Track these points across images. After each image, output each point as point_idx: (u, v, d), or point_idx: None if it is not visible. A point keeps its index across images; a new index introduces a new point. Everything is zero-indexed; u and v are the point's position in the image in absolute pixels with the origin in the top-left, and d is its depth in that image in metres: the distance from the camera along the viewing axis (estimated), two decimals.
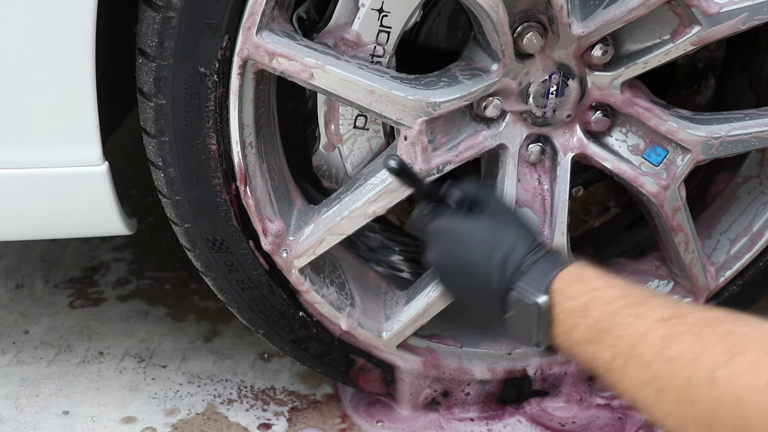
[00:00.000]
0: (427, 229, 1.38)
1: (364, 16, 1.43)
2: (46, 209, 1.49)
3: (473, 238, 1.32)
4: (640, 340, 1.08)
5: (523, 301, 1.23)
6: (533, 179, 1.56)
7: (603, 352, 1.12)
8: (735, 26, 1.46)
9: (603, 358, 1.13)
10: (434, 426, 1.69)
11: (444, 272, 1.38)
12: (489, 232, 1.31)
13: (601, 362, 1.13)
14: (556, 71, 1.48)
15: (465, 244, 1.32)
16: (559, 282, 1.21)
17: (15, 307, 1.98)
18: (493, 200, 1.40)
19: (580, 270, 1.22)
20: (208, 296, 1.95)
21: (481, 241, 1.31)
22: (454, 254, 1.34)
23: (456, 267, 1.33)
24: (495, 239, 1.30)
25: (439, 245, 1.37)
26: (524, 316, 1.23)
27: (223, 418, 1.71)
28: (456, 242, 1.33)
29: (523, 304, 1.23)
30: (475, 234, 1.32)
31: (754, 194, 1.72)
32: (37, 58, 1.35)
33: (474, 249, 1.31)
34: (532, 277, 1.24)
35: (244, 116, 1.43)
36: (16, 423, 1.68)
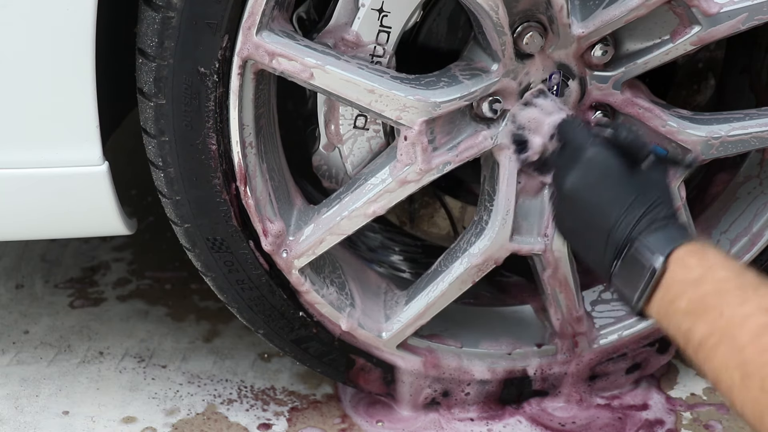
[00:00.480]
0: (584, 149, 1.34)
1: (364, 16, 1.43)
2: (46, 209, 1.49)
3: (624, 183, 1.30)
4: (739, 322, 1.08)
5: (640, 257, 1.22)
6: (533, 179, 1.56)
7: (700, 327, 1.12)
8: (735, 26, 1.46)
9: (698, 333, 1.12)
10: (434, 426, 1.69)
11: (576, 199, 1.34)
12: (641, 185, 1.30)
13: (695, 337, 1.13)
14: (556, 71, 1.48)
15: (615, 183, 1.30)
16: (680, 251, 1.20)
17: (15, 307, 1.98)
18: (655, 165, 1.36)
19: (703, 246, 1.21)
20: (208, 296, 1.95)
21: (629, 189, 1.29)
22: (598, 188, 1.32)
23: (592, 201, 1.31)
24: (642, 193, 1.28)
25: (586, 171, 1.33)
26: (633, 273, 1.23)
27: (223, 418, 1.71)
28: (606, 178, 1.31)
29: (639, 260, 1.23)
30: (628, 181, 1.30)
31: (754, 194, 1.72)
32: (37, 58, 1.35)
33: (619, 193, 1.29)
34: (658, 238, 1.23)
35: (244, 116, 1.43)
36: (16, 423, 1.68)
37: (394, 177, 1.48)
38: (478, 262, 1.56)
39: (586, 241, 1.33)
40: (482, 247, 1.56)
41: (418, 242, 1.88)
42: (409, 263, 1.86)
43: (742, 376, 1.05)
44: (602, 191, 1.31)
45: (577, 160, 1.34)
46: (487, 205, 1.56)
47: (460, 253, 1.58)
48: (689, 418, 1.72)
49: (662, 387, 1.79)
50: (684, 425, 1.71)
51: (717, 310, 1.11)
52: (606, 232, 1.28)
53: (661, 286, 1.20)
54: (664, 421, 1.71)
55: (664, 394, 1.77)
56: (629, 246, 1.25)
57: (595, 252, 1.31)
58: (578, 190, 1.33)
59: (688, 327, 1.14)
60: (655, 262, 1.21)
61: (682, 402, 1.76)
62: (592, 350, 1.70)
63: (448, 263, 1.59)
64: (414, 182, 1.49)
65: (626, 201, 1.28)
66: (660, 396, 1.77)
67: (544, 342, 1.70)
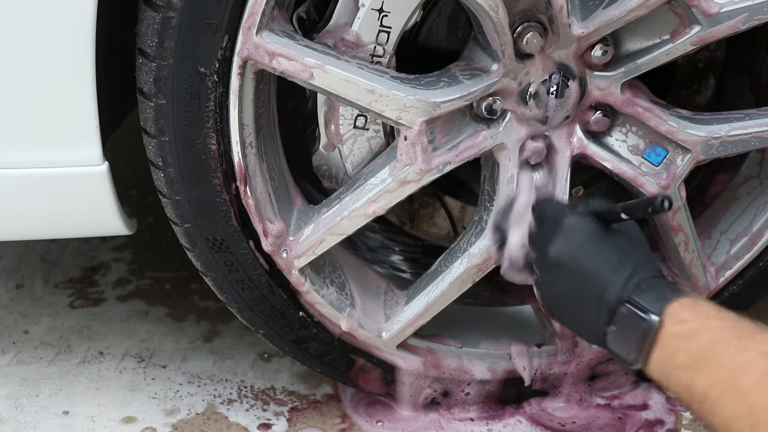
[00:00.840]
0: (561, 219, 1.36)
1: (364, 16, 1.43)
2: (46, 209, 1.49)
3: (605, 246, 1.32)
4: (741, 370, 1.08)
5: (634, 317, 1.23)
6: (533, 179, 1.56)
7: (701, 380, 1.13)
8: (735, 26, 1.46)
9: (700, 386, 1.13)
10: (434, 426, 1.69)
11: (561, 269, 1.35)
12: (622, 247, 1.31)
13: (698, 390, 1.13)
14: (556, 71, 1.48)
15: (596, 248, 1.32)
16: (673, 306, 1.21)
17: (15, 307, 1.98)
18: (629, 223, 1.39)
19: (696, 300, 1.22)
20: (208, 296, 1.95)
21: (612, 252, 1.31)
22: (581, 254, 1.33)
23: (578, 268, 1.32)
24: (625, 255, 1.30)
25: (567, 238, 1.34)
26: (629, 333, 1.24)
27: (223, 418, 1.71)
28: (587, 244, 1.33)
29: (633, 320, 1.23)
30: (608, 244, 1.32)
31: (754, 194, 1.72)
32: (37, 58, 1.35)
33: (603, 257, 1.31)
34: (649, 297, 1.24)
35: (244, 116, 1.43)
36: (16, 423, 1.68)
37: (394, 177, 1.48)
38: (478, 262, 1.56)
39: (576, 311, 1.34)
40: (482, 247, 1.56)
41: (418, 242, 1.88)
42: (409, 263, 1.86)
43: (751, 425, 1.05)
44: (586, 256, 1.32)
45: (556, 231, 1.35)
46: (487, 205, 1.56)
47: (460, 253, 1.58)
48: (689, 418, 1.72)
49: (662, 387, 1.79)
50: (684, 425, 1.71)
51: (716, 361, 1.11)
52: (596, 297, 1.29)
53: (657, 344, 1.21)
54: (664, 421, 1.71)
55: (664, 394, 1.77)
56: (621, 308, 1.25)
57: (587, 320, 1.31)
58: (562, 259, 1.34)
59: (689, 381, 1.14)
60: (650, 320, 1.21)
61: None
62: (592, 350, 1.70)
63: (448, 263, 1.59)
64: (414, 182, 1.49)
65: (611, 263, 1.29)
66: (660, 396, 1.77)
67: (544, 342, 1.70)
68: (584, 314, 1.32)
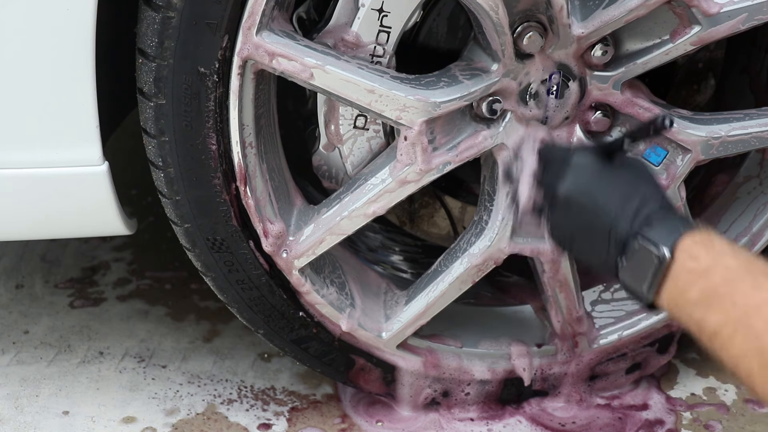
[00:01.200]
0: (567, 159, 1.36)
1: (364, 16, 1.43)
2: (46, 209, 1.49)
3: (613, 181, 1.31)
4: (754, 311, 1.07)
5: (646, 250, 1.22)
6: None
7: (713, 317, 1.12)
8: (735, 26, 1.46)
9: (712, 323, 1.12)
10: (434, 426, 1.69)
11: (570, 205, 1.34)
12: (629, 180, 1.31)
13: (709, 326, 1.12)
14: (556, 71, 1.48)
15: (604, 183, 1.32)
16: (686, 241, 1.19)
17: (15, 307, 1.98)
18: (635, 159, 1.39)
19: (708, 235, 1.20)
20: (208, 296, 1.95)
21: (619, 186, 1.30)
22: (590, 189, 1.32)
23: (587, 203, 1.32)
24: (633, 188, 1.29)
25: (575, 176, 1.34)
26: (640, 266, 1.23)
27: (223, 418, 1.71)
28: (595, 179, 1.33)
29: (645, 253, 1.22)
30: (616, 178, 1.32)
31: (754, 194, 1.72)
32: (37, 58, 1.35)
33: (611, 191, 1.30)
34: (660, 230, 1.23)
35: (244, 116, 1.43)
36: (16, 423, 1.68)
37: (394, 177, 1.48)
38: (478, 262, 1.56)
39: (588, 245, 1.34)
40: (482, 247, 1.56)
41: (418, 242, 1.89)
42: (409, 263, 1.86)
43: (761, 365, 1.05)
44: (594, 191, 1.32)
45: (563, 170, 1.35)
46: (487, 205, 1.56)
47: (460, 253, 1.58)
48: (689, 418, 1.72)
49: (662, 387, 1.79)
50: (684, 425, 1.71)
51: (729, 299, 1.11)
52: (606, 230, 1.28)
53: (669, 277, 1.20)
54: (664, 421, 1.71)
55: (664, 394, 1.77)
56: (633, 240, 1.24)
57: (599, 253, 1.31)
58: (571, 195, 1.34)
59: (701, 317, 1.14)
60: (662, 254, 1.20)
61: (682, 402, 1.76)
62: (592, 350, 1.70)
63: (448, 263, 1.59)
64: (414, 182, 1.49)
65: (620, 196, 1.29)
66: (660, 396, 1.77)
67: (544, 342, 1.70)
68: (595, 247, 1.31)
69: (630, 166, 1.35)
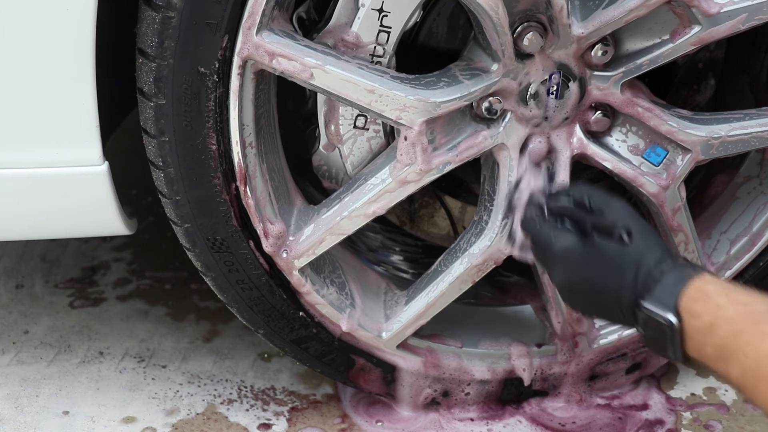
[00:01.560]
0: (551, 252, 1.38)
1: (364, 16, 1.43)
2: (46, 209, 1.49)
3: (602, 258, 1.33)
4: (764, 360, 1.10)
5: (654, 320, 1.24)
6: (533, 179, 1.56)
7: (733, 371, 1.14)
8: (735, 26, 1.46)
9: (734, 375, 1.14)
10: (434, 426, 1.69)
11: (573, 293, 1.38)
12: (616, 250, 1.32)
13: (733, 378, 1.15)
14: (556, 71, 1.48)
15: (594, 265, 1.33)
16: (684, 300, 1.21)
17: (15, 307, 1.98)
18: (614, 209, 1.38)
19: (703, 286, 1.22)
20: (208, 296, 1.95)
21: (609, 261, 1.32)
22: (582, 276, 1.34)
23: (586, 288, 1.34)
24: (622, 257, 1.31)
25: (568, 268, 1.36)
26: (657, 334, 1.24)
27: (223, 418, 1.71)
28: (585, 264, 1.34)
29: (655, 322, 1.24)
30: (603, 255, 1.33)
31: (754, 194, 1.72)
32: (37, 58, 1.35)
33: (604, 269, 1.32)
34: (661, 293, 1.24)
35: (244, 116, 1.43)
36: (16, 423, 1.68)
37: (394, 177, 1.48)
38: (478, 262, 1.56)
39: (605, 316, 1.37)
40: (482, 247, 1.56)
41: (419, 242, 1.88)
42: (410, 263, 1.86)
43: None
44: (590, 277, 1.33)
45: (550, 259, 1.38)
46: (487, 205, 1.56)
47: (460, 253, 1.58)
48: (689, 418, 1.72)
49: (662, 387, 1.79)
50: (684, 425, 1.71)
51: (740, 352, 1.12)
52: (614, 307, 1.30)
53: (686, 338, 1.22)
54: (664, 421, 1.71)
55: (664, 394, 1.77)
56: (639, 312, 1.26)
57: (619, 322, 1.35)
58: (571, 285, 1.37)
59: (724, 370, 1.16)
60: (668, 321, 1.22)
61: (682, 402, 1.76)
62: (592, 350, 1.70)
63: (448, 263, 1.59)
64: (414, 182, 1.49)
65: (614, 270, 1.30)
66: (660, 396, 1.77)
67: (544, 342, 1.70)
68: (613, 318, 1.35)
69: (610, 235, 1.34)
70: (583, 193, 1.40)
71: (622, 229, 1.32)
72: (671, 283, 1.24)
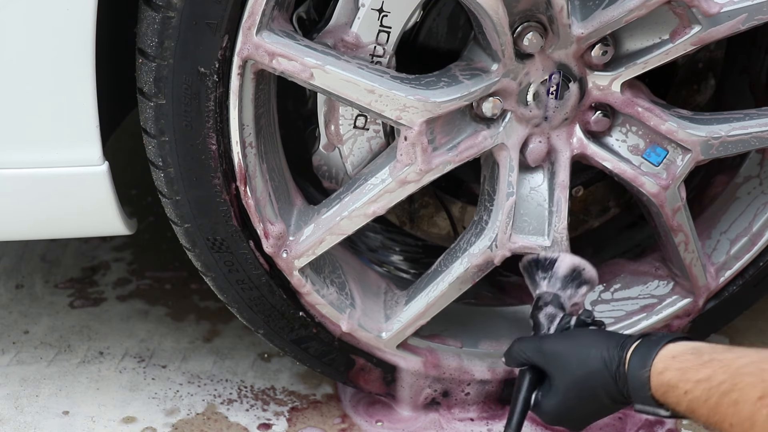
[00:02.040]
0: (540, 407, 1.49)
1: (364, 16, 1.43)
2: (46, 209, 1.49)
3: (573, 392, 1.43)
4: (750, 425, 1.14)
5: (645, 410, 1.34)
6: (533, 179, 1.56)
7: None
8: (735, 26, 1.46)
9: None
10: (434, 426, 1.69)
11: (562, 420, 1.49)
12: (583, 376, 1.41)
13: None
14: (556, 71, 1.48)
15: (574, 401, 1.43)
16: (657, 395, 1.30)
17: (15, 307, 1.98)
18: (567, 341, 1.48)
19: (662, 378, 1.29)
20: (208, 296, 1.95)
21: (583, 386, 1.41)
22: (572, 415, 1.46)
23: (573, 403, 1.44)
24: (588, 378, 1.40)
25: (554, 414, 1.48)
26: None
27: (223, 418, 1.71)
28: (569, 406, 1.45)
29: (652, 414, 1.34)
30: (573, 389, 1.42)
31: (754, 194, 1.72)
32: (38, 58, 1.35)
33: (582, 401, 1.43)
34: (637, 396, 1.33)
35: (244, 116, 1.43)
36: (16, 423, 1.68)
37: (394, 177, 1.48)
38: (479, 262, 1.56)
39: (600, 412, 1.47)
40: (482, 247, 1.56)
41: (419, 242, 1.88)
42: (410, 263, 1.86)
43: None
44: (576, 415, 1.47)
45: (547, 414, 1.49)
46: (487, 205, 1.56)
47: (460, 253, 1.58)
48: None
49: None
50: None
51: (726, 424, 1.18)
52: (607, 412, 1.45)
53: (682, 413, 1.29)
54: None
55: None
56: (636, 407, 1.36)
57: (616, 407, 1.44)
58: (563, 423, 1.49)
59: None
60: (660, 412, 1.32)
61: None
62: None
63: (448, 263, 1.59)
64: (414, 182, 1.49)
65: (590, 402, 1.42)
66: None
67: None
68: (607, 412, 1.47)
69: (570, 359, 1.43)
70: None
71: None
72: (637, 386, 1.32)
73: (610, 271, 1.76)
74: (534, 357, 1.45)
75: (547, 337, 1.48)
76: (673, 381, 1.27)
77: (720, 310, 1.73)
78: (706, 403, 1.20)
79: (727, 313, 1.76)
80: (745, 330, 1.92)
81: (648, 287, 1.73)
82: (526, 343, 1.48)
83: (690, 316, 1.71)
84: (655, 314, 1.70)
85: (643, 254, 1.77)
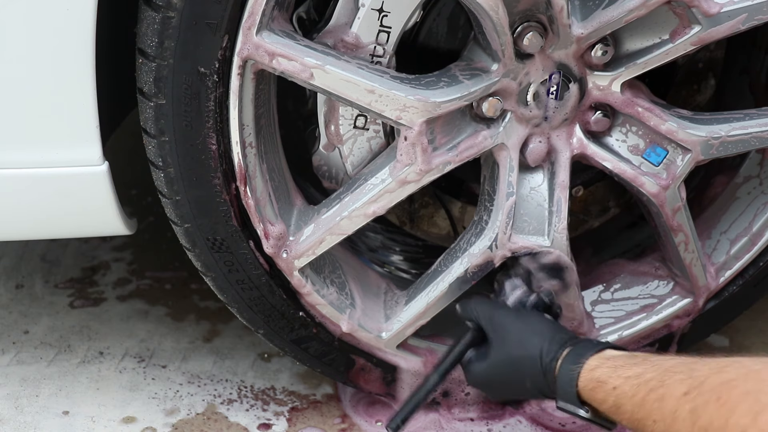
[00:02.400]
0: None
1: (364, 16, 1.43)
2: (46, 209, 1.49)
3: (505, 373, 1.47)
4: (672, 420, 1.15)
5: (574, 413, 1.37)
6: (533, 179, 1.56)
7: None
8: (735, 26, 1.46)
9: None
10: (434, 426, 1.69)
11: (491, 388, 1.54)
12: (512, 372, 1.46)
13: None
14: (556, 71, 1.48)
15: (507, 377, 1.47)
16: (584, 392, 1.33)
17: (15, 307, 1.98)
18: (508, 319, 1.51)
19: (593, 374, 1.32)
20: (208, 296, 1.95)
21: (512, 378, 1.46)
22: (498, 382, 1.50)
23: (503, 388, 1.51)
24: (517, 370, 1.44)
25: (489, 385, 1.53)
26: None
27: (223, 418, 1.71)
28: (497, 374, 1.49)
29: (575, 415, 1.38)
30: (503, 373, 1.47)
31: (754, 194, 1.72)
32: (38, 58, 1.35)
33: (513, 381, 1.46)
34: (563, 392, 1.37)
35: (244, 116, 1.43)
36: (16, 423, 1.68)
37: (394, 177, 1.48)
38: (479, 262, 1.56)
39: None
40: (482, 247, 1.56)
41: (419, 242, 1.89)
42: (410, 263, 1.86)
43: None
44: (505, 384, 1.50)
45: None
46: (487, 205, 1.56)
47: (460, 253, 1.58)
48: None
49: None
50: None
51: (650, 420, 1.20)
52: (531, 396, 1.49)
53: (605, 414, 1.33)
54: None
55: None
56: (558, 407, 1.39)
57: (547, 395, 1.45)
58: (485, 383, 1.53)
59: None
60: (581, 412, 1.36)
61: None
62: None
63: (448, 263, 1.59)
64: (414, 182, 1.49)
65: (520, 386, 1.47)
66: None
67: None
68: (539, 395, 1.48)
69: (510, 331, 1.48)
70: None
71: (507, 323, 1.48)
72: (565, 381, 1.35)
73: (610, 271, 1.76)
74: (483, 321, 1.50)
75: (502, 308, 1.52)
76: (603, 377, 1.29)
77: (720, 310, 1.73)
78: (632, 399, 1.22)
79: (727, 313, 1.76)
80: (745, 330, 1.92)
81: (648, 287, 1.73)
82: (482, 305, 1.52)
83: (690, 316, 1.71)
84: (655, 314, 1.70)
85: (643, 254, 1.77)
